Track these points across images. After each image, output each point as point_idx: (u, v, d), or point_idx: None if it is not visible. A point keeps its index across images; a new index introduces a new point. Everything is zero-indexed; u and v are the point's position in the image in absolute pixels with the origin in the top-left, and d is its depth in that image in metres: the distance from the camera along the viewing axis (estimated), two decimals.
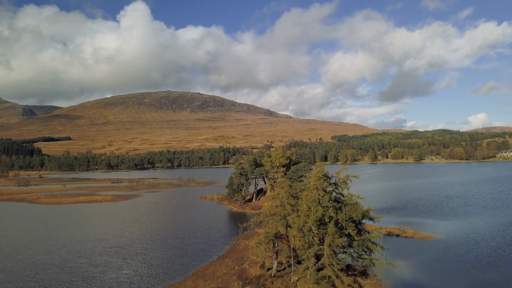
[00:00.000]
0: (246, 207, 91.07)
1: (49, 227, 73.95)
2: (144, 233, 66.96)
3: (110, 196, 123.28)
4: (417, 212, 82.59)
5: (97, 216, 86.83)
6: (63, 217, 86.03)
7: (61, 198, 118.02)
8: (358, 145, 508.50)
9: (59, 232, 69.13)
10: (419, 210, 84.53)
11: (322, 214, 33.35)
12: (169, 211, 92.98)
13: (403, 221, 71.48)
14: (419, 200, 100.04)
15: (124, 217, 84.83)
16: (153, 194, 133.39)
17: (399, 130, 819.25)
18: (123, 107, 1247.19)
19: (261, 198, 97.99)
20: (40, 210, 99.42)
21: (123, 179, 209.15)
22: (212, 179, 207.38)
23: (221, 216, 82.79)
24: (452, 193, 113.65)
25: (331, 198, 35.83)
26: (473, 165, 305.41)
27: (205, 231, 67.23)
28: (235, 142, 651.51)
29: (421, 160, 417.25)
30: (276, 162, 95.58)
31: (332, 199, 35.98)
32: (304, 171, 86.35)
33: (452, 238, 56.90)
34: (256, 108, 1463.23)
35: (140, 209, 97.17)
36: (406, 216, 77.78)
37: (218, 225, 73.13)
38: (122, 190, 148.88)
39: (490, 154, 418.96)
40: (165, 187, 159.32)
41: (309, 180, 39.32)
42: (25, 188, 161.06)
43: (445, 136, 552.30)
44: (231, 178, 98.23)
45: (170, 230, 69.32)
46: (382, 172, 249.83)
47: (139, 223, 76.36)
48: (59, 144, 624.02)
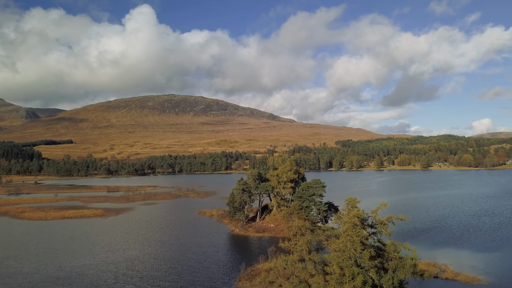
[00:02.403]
0: (249, 229, 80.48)
1: (20, 254, 63.75)
2: (130, 264, 56.55)
3: (101, 210, 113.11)
4: (447, 237, 71.62)
5: (80, 239, 76.51)
6: (42, 239, 75.81)
7: (47, 212, 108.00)
8: (363, 151, 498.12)
9: (29, 261, 58.91)
10: (447, 235, 73.57)
11: (363, 282, 22.92)
12: (162, 232, 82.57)
13: (434, 251, 60.63)
14: (444, 220, 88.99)
15: (111, 239, 74.48)
16: (148, 207, 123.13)
17: (403, 135, 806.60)
18: (126, 110, 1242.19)
19: (266, 217, 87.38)
20: (20, 227, 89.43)
21: (120, 187, 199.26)
22: (213, 188, 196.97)
23: (220, 241, 72.18)
24: (478, 210, 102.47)
25: (371, 253, 25.37)
26: (484, 173, 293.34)
27: (203, 263, 56.67)
28: (238, 146, 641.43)
29: (428, 167, 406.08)
30: (283, 177, 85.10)
31: (373, 254, 25.51)
32: (316, 189, 75.84)
33: (504, 282, 46.05)
34: (259, 112, 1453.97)
35: (130, 228, 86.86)
36: (435, 243, 66.88)
37: (218, 254, 62.48)
38: (116, 201, 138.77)
39: (500, 162, 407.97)
40: (162, 198, 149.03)
41: (337, 223, 28.88)
42: (14, 198, 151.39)
43: (451, 142, 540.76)
44: (232, 195, 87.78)
45: (163, 260, 58.83)
46: (392, 181, 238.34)
47: (125, 250, 65.99)
48: (61, 147, 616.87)
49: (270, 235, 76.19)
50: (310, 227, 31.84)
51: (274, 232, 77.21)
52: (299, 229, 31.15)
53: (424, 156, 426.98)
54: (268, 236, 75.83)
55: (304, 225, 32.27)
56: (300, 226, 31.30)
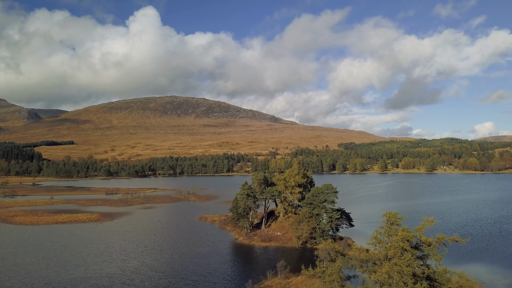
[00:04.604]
0: (254, 237, 74.49)
1: (6, 264, 57.97)
2: (126, 278, 50.67)
3: (97, 214, 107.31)
4: (471, 248, 65.20)
5: (73, 246, 70.64)
6: (32, 247, 70.01)
7: (40, 217, 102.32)
8: (366, 154, 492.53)
9: (15, 273, 53.12)
10: (472, 245, 67.09)
11: None
12: (162, 240, 76.70)
13: (463, 266, 54.47)
14: (463, 228, 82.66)
15: (106, 247, 68.62)
16: (146, 211, 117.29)
17: (406, 138, 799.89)
18: (128, 112, 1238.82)
19: (272, 224, 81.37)
20: (10, 232, 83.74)
21: (119, 190, 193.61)
22: (214, 191, 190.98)
23: (224, 251, 66.18)
24: (497, 217, 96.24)
25: (423, 285, 19.42)
26: (491, 178, 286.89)
27: (208, 277, 50.64)
28: (240, 148, 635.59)
29: (433, 171, 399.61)
30: (290, 181, 79.18)
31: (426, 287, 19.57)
32: (327, 194, 69.84)
33: None
34: (261, 114, 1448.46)
35: (127, 234, 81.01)
36: (460, 255, 60.66)
37: (223, 266, 56.34)
38: (114, 204, 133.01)
39: (506, 166, 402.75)
40: (161, 201, 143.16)
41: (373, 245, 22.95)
42: (8, 200, 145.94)
43: (455, 145, 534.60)
44: (236, 200, 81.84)
45: (163, 274, 52.92)
46: (398, 184, 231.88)
47: (122, 260, 60.10)
48: (61, 148, 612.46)
49: (277, 244, 70.24)
50: (340, 250, 25.81)
51: (281, 242, 71.23)
52: (327, 253, 25.59)
53: (429, 159, 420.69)
54: (275, 245, 69.89)
55: (334, 248, 26.52)
56: (329, 250, 25.66)
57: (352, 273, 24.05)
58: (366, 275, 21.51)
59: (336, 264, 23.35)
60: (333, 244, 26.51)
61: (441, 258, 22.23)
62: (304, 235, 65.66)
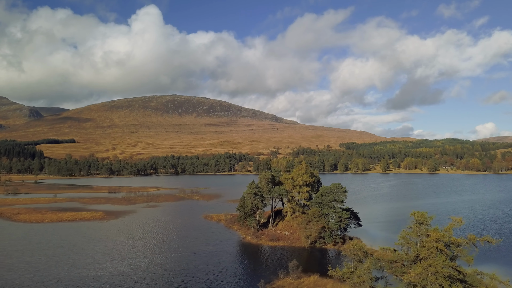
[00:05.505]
0: (262, 236, 73.97)
1: (15, 262, 57.54)
2: (138, 277, 50.19)
3: (101, 212, 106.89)
4: (485, 250, 64.35)
5: (81, 245, 70.22)
6: (40, 244, 69.58)
7: (44, 214, 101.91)
8: (368, 154, 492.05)
9: (25, 271, 52.69)
10: (484, 247, 66.39)
11: None
12: (170, 238, 76.20)
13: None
14: (471, 228, 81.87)
15: (114, 245, 68.17)
16: (150, 210, 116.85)
17: (408, 139, 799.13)
18: (129, 110, 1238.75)
19: (279, 224, 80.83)
20: (14, 230, 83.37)
21: (122, 188, 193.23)
22: (217, 190, 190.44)
23: (233, 251, 65.69)
24: (506, 218, 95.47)
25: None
26: (494, 178, 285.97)
27: (220, 277, 50.21)
28: (241, 147, 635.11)
29: (435, 171, 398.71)
30: (298, 180, 78.63)
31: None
32: (336, 194, 69.27)
33: None
34: (262, 113, 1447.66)
35: (134, 232, 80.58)
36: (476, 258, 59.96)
37: (233, 266, 55.89)
38: (117, 203, 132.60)
39: (508, 166, 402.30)
40: (165, 200, 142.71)
41: (401, 245, 22.38)
42: (11, 198, 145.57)
43: (457, 146, 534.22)
44: (243, 199, 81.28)
45: (174, 272, 52.42)
46: (401, 184, 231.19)
47: (131, 258, 59.63)
48: (63, 146, 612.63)
49: (285, 244, 69.70)
50: (365, 249, 25.29)
51: (289, 241, 70.70)
52: (355, 253, 25.04)
53: (431, 160, 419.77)
54: (283, 245, 69.36)
55: (361, 248, 25.77)
56: (357, 250, 24.96)
57: (379, 274, 23.50)
58: (396, 276, 20.93)
59: (366, 264, 22.84)
60: (361, 244, 26.01)
61: (472, 259, 21.74)
62: (313, 234, 65.15)
